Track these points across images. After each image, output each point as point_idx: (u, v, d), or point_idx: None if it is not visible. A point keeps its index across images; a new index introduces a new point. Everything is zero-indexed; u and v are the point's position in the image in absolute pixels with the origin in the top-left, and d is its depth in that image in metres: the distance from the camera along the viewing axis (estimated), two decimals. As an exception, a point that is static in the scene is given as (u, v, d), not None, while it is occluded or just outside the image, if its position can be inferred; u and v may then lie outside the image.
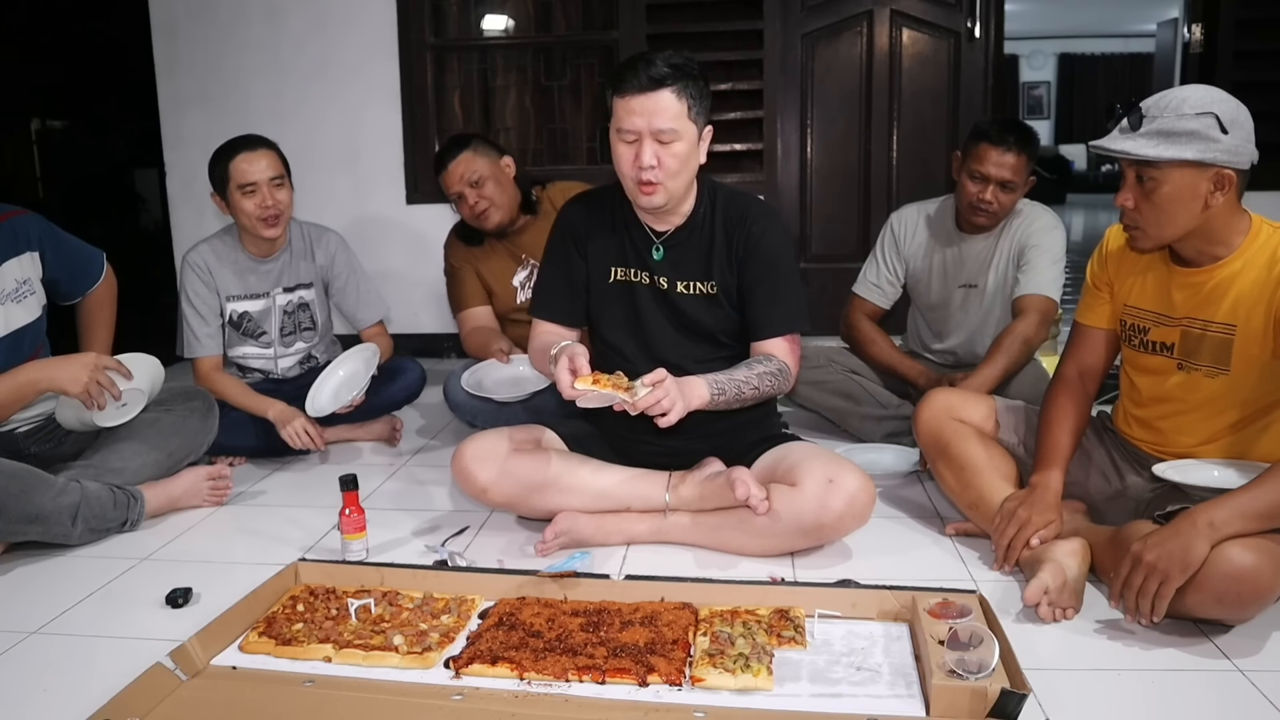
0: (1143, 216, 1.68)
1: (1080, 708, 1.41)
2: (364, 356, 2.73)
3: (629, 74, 1.87)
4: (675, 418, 1.77)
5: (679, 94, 1.87)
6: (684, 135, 1.89)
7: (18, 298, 2.20)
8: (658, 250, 2.04)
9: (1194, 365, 1.76)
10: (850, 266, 3.04)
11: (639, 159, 1.89)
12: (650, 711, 1.40)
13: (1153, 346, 1.82)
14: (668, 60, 1.88)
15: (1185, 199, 1.63)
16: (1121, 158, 1.66)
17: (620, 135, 1.91)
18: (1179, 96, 1.63)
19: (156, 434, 2.34)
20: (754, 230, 2.02)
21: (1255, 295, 1.67)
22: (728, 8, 4.05)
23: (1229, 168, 1.61)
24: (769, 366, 1.97)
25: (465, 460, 2.01)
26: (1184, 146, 1.60)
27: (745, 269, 2.02)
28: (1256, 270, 1.67)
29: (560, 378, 1.77)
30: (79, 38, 5.09)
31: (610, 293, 2.08)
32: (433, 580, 1.79)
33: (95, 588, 1.91)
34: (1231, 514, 1.50)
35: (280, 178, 2.63)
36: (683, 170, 1.93)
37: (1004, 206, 2.57)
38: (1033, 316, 2.52)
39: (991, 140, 2.50)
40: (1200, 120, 1.59)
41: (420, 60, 4.17)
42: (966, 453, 2.00)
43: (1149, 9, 10.91)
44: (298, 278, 2.79)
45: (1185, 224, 1.66)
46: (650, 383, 1.74)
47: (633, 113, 1.87)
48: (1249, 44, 3.91)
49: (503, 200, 2.83)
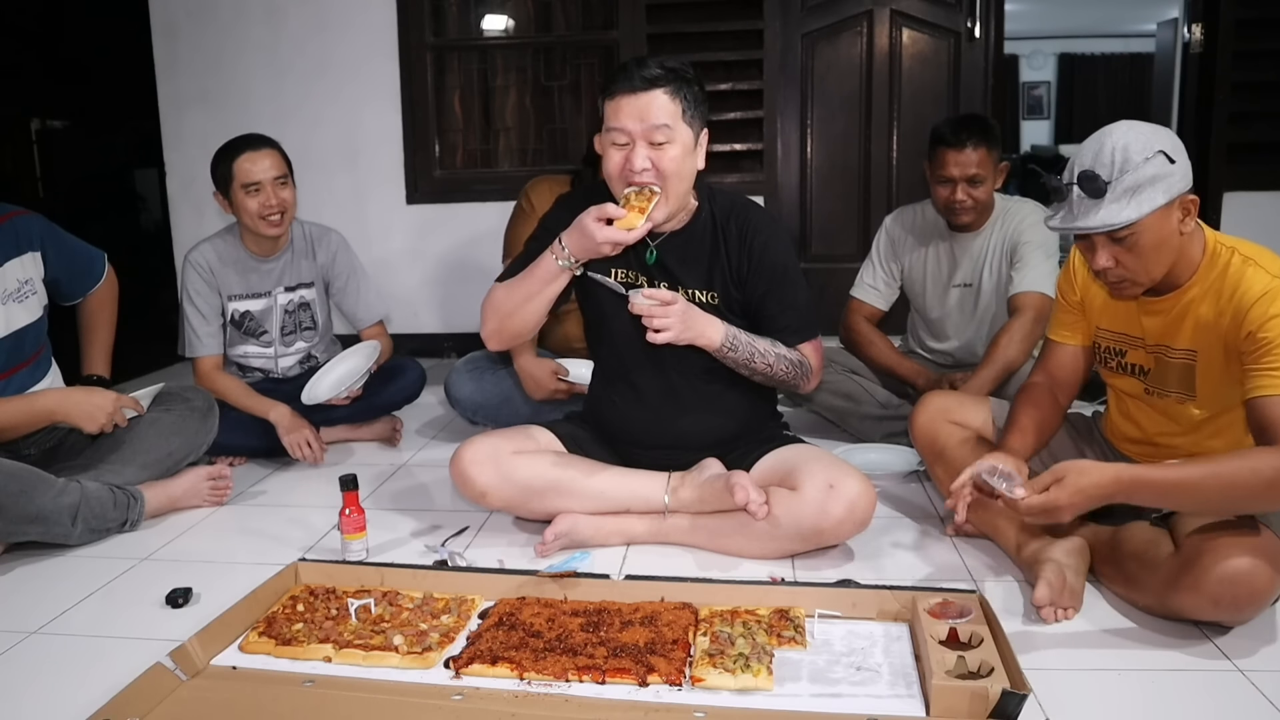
0: (1128, 269, 1.64)
1: (1080, 708, 1.41)
2: (366, 352, 2.74)
3: (620, 75, 1.83)
4: (667, 339, 1.81)
5: (673, 95, 1.82)
6: (678, 137, 1.83)
7: (19, 298, 2.20)
8: (651, 254, 1.99)
9: (1163, 391, 1.76)
10: (850, 267, 3.04)
11: (630, 162, 1.82)
12: (650, 711, 1.40)
13: (1130, 369, 1.82)
14: (661, 63, 1.83)
15: (1165, 237, 1.61)
16: (1103, 231, 1.60)
17: (611, 136, 1.84)
18: (1118, 147, 1.57)
19: (156, 434, 2.34)
20: (757, 242, 1.97)
21: (1213, 321, 1.65)
22: (728, 8, 4.05)
23: (1187, 192, 1.61)
24: (792, 355, 1.98)
25: (464, 464, 2.00)
26: (1154, 194, 1.56)
27: (753, 282, 1.98)
28: (1210, 295, 1.65)
29: (605, 233, 1.78)
30: (79, 38, 5.09)
31: (605, 290, 2.02)
32: (433, 580, 1.79)
33: (95, 588, 1.91)
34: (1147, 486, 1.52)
35: (284, 177, 2.64)
36: (679, 173, 1.87)
37: (980, 200, 2.58)
38: (1029, 314, 2.52)
39: (948, 143, 2.53)
40: (1153, 164, 1.56)
41: (420, 60, 4.17)
42: (963, 456, 1.99)
43: (1149, 9, 10.90)
44: (299, 277, 2.80)
45: (1168, 258, 1.64)
46: (658, 298, 1.76)
47: (622, 112, 1.81)
48: (1249, 44, 3.90)
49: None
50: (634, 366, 2.04)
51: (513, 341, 2.06)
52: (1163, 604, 1.60)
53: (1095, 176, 1.58)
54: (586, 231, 1.81)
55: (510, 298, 1.98)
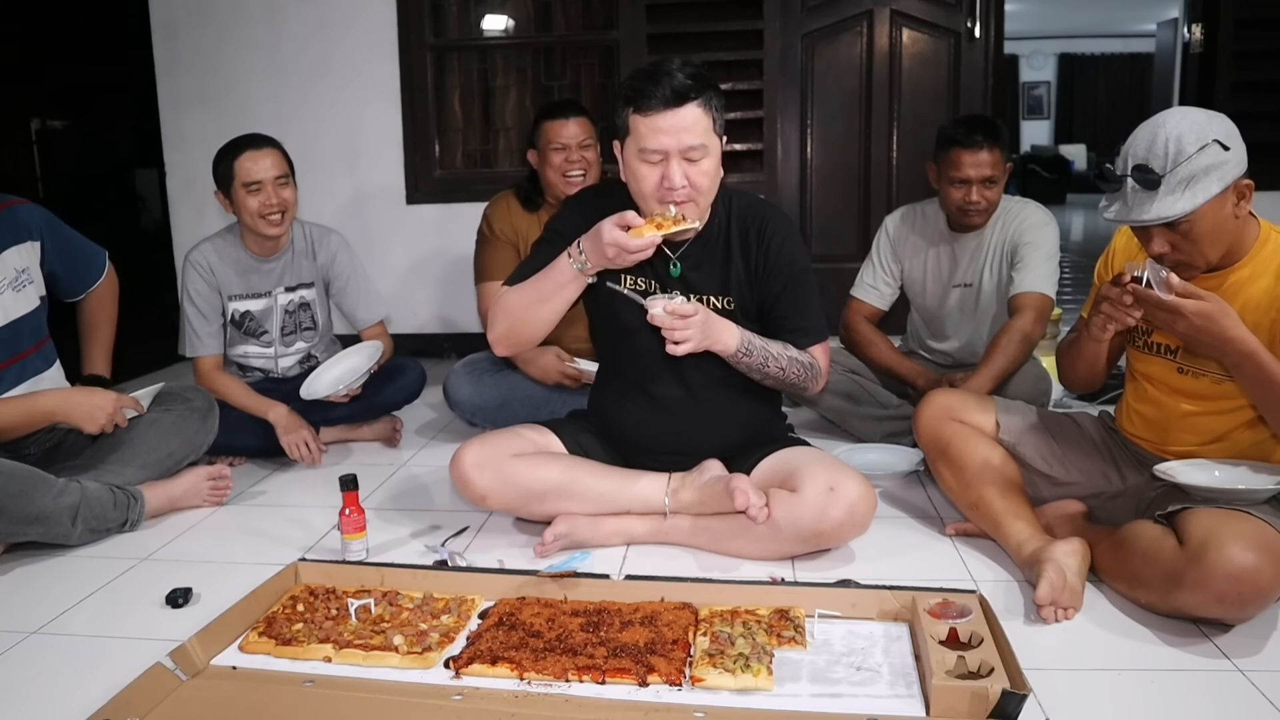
0: (1185, 254, 1.64)
1: (1080, 708, 1.41)
2: (367, 352, 2.75)
3: (650, 88, 1.76)
4: (686, 351, 1.80)
5: (704, 107, 1.78)
6: (711, 150, 1.81)
7: (16, 286, 2.19)
8: (675, 267, 1.96)
9: (1200, 370, 1.76)
10: (850, 266, 3.04)
11: (667, 179, 1.78)
12: (650, 711, 1.40)
13: (1155, 348, 1.82)
14: (686, 71, 1.78)
15: (1221, 222, 1.62)
16: (1156, 223, 1.60)
17: (644, 156, 1.79)
18: (1172, 138, 1.58)
19: (156, 434, 2.34)
20: (773, 244, 1.95)
21: (1265, 304, 1.66)
22: (728, 8, 4.05)
23: (1243, 177, 1.61)
24: (803, 357, 1.97)
25: (464, 468, 2.00)
26: (1208, 183, 1.57)
27: (768, 284, 1.97)
28: (1266, 279, 1.67)
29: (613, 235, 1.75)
30: (79, 38, 5.09)
31: (624, 301, 1.96)
32: (433, 580, 1.79)
33: (95, 588, 1.91)
34: None
35: (285, 176, 2.64)
36: (712, 187, 1.85)
37: (992, 201, 2.59)
38: (1029, 314, 2.52)
39: (962, 145, 2.53)
40: (1207, 153, 1.56)
41: (420, 60, 4.17)
42: (967, 454, 2.00)
43: (1149, 9, 10.91)
44: (299, 277, 2.80)
45: (1227, 240, 1.65)
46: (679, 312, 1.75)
47: (660, 131, 1.76)
48: (1249, 44, 3.90)
49: (593, 176, 2.83)
50: (650, 377, 2.02)
51: (522, 347, 2.02)
52: (1167, 601, 1.60)
53: (1149, 169, 1.58)
54: (601, 237, 1.78)
55: (522, 301, 1.93)
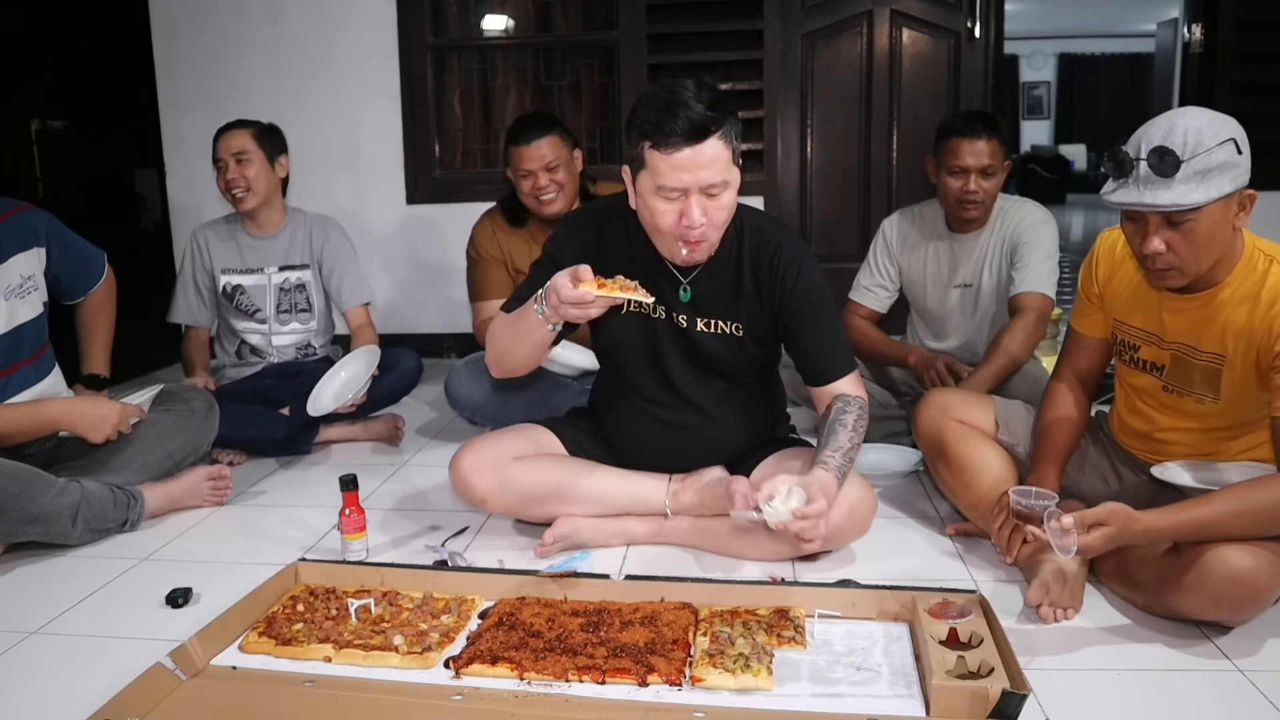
0: (1179, 256, 1.60)
1: (1080, 708, 1.41)
2: (366, 358, 2.75)
3: (669, 123, 1.65)
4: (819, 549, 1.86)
5: (724, 139, 1.69)
6: (731, 184, 1.74)
7: (22, 293, 2.20)
8: (685, 291, 1.91)
9: (1184, 390, 1.74)
10: (850, 266, 3.04)
11: (686, 216, 1.71)
12: (650, 711, 1.40)
13: (1142, 365, 1.81)
14: (704, 99, 1.67)
15: (1220, 228, 1.57)
16: (1168, 210, 1.54)
17: (662, 193, 1.71)
18: (1191, 129, 1.54)
19: (156, 435, 2.34)
20: (788, 273, 1.88)
21: (1245, 329, 1.63)
22: (728, 8, 4.05)
23: (1249, 186, 1.59)
24: (855, 413, 1.86)
25: (464, 471, 2.00)
26: (1221, 181, 1.53)
27: (784, 314, 1.90)
28: (1245, 303, 1.63)
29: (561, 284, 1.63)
30: (79, 38, 5.09)
31: (627, 323, 1.94)
32: (433, 580, 1.79)
33: (95, 588, 1.91)
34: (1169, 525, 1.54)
35: (245, 153, 2.76)
36: (728, 219, 1.79)
37: (990, 194, 2.59)
38: (1030, 314, 2.52)
39: (961, 133, 2.53)
40: (1224, 150, 1.53)
41: (420, 60, 4.17)
42: (966, 453, 2.00)
43: (1149, 9, 10.91)
44: (294, 258, 2.91)
45: (1219, 251, 1.61)
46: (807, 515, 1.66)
47: (680, 169, 1.67)
48: (1249, 44, 3.90)
49: (570, 191, 2.81)
50: (654, 401, 2.00)
51: (514, 373, 1.95)
52: (1164, 604, 1.60)
53: (1169, 152, 1.53)
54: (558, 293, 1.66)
55: (505, 338, 1.88)
